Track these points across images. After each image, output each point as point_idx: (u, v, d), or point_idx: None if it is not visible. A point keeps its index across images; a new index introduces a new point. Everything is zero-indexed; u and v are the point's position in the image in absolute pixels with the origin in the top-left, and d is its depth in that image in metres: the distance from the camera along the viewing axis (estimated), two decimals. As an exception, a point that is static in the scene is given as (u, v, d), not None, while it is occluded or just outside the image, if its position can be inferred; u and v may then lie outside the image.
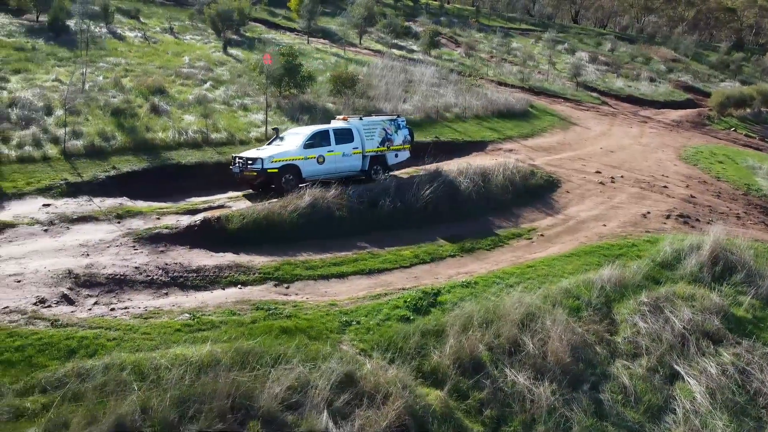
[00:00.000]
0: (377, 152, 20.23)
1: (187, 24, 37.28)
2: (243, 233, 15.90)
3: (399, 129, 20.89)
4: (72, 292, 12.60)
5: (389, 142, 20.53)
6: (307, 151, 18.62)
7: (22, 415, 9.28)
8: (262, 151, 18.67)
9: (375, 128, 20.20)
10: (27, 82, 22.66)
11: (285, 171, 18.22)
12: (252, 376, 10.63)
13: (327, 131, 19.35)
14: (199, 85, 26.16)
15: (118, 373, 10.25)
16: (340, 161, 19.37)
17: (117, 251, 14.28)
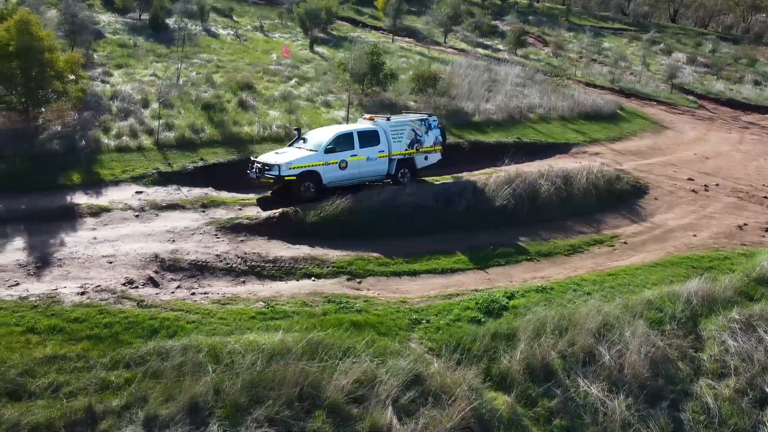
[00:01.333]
0: (405, 155, 18.91)
1: (277, 22, 38.42)
2: (319, 227, 16.19)
3: (430, 129, 19.52)
4: (157, 275, 13.29)
5: (418, 143, 19.20)
6: (328, 156, 17.47)
7: (108, 387, 9.88)
8: (281, 155, 17.60)
9: (403, 129, 18.92)
10: (128, 77, 24.11)
11: (304, 178, 17.10)
12: (320, 367, 10.82)
13: (351, 134, 18.08)
14: (285, 81, 26.91)
15: (195, 355, 10.71)
16: (364, 166, 18.15)
17: (200, 239, 14.93)
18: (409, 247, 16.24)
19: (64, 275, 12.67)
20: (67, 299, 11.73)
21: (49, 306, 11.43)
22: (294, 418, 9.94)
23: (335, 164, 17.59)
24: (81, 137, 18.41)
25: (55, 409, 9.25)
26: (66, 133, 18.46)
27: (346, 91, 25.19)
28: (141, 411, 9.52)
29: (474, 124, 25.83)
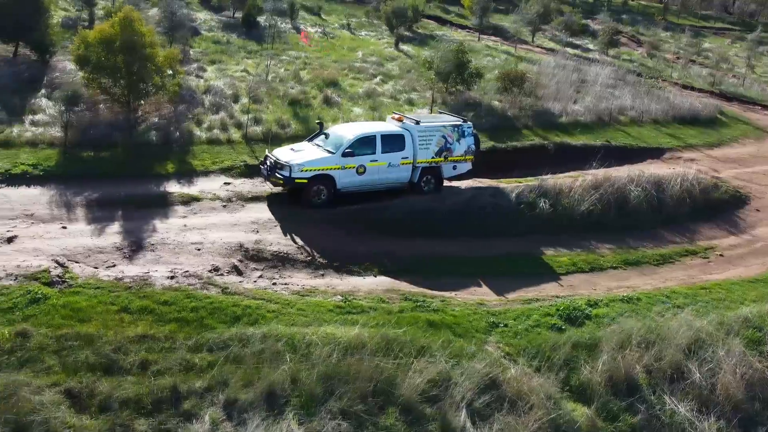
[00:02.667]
0: (431, 163, 17.40)
1: (363, 20, 38.79)
2: (398, 223, 16.18)
3: (463, 137, 17.77)
4: (241, 264, 13.72)
5: (447, 152, 17.54)
6: (346, 159, 16.17)
7: (192, 369, 10.29)
8: (297, 152, 16.48)
9: (433, 135, 17.33)
10: (220, 72, 25.05)
11: (316, 182, 16.00)
12: (395, 364, 10.81)
13: (373, 137, 16.70)
14: (369, 79, 27.12)
15: (274, 343, 10.97)
16: (385, 172, 16.78)
17: (281, 231, 15.27)
18: (489, 248, 15.95)
19: (155, 259, 13.31)
20: (158, 282, 12.33)
21: (141, 288, 12.05)
22: (367, 413, 9.99)
23: (352, 169, 16.26)
24: (175, 129, 19.29)
25: (143, 385, 9.72)
26: (162, 124, 19.39)
27: (430, 89, 25.07)
28: (222, 394, 9.85)
29: (560, 126, 25.05)
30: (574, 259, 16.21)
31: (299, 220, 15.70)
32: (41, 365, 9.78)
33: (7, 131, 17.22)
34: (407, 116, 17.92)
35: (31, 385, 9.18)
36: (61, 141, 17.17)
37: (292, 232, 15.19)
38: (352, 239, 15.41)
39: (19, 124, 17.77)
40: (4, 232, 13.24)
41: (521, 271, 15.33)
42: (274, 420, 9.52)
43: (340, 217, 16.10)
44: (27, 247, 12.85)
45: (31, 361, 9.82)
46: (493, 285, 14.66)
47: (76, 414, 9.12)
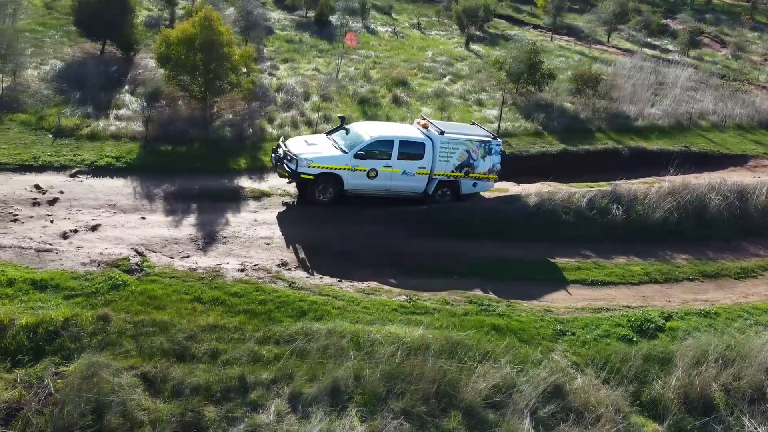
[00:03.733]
0: (450, 177, 16.50)
1: (434, 20, 38.65)
2: (463, 224, 16.03)
3: (489, 154, 16.70)
4: (308, 260, 13.95)
5: (469, 168, 16.56)
6: (357, 161, 15.55)
7: (259, 360, 10.54)
8: (310, 146, 15.91)
9: (456, 148, 16.33)
10: (292, 71, 25.56)
11: (322, 179, 15.47)
12: (459, 367, 10.73)
13: (391, 142, 15.89)
14: (438, 78, 27.01)
15: (339, 340, 11.10)
16: (397, 179, 16.04)
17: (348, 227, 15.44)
18: (558, 253, 15.58)
19: (227, 252, 13.73)
20: (229, 274, 12.70)
21: (213, 279, 12.45)
22: (429, 415, 9.95)
23: (363, 171, 15.62)
24: (248, 126, 19.82)
25: (213, 373, 10.04)
26: (236, 121, 19.97)
27: (500, 90, 24.71)
28: (287, 387, 10.05)
29: (636, 130, 24.16)
30: (647, 268, 15.61)
31: (365, 219, 15.80)
32: (120, 348, 10.27)
33: (94, 125, 18.15)
34: (434, 123, 16.94)
35: (111, 367, 9.65)
36: (142, 135, 17.96)
37: (358, 231, 15.31)
38: (416, 239, 15.39)
39: (104, 119, 18.70)
40: (89, 220, 13.97)
41: (591, 279, 14.91)
42: (338, 415, 9.63)
43: (405, 217, 16.11)
44: (109, 236, 13.52)
45: (111, 344, 10.32)
46: (561, 292, 14.32)
47: (151, 397, 9.52)
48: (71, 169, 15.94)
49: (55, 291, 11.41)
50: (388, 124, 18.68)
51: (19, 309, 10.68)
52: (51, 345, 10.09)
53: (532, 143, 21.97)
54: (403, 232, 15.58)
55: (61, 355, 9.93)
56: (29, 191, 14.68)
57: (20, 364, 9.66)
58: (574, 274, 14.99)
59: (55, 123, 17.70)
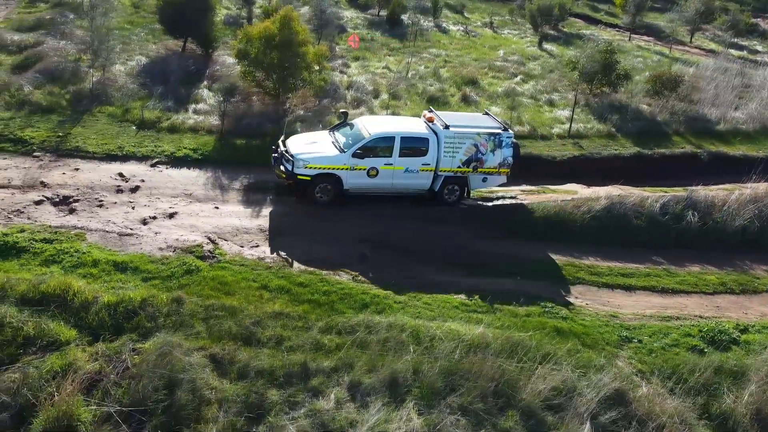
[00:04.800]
0: (456, 173, 15.75)
1: (507, 19, 38.19)
2: (531, 225, 15.83)
3: (499, 147, 15.82)
4: (371, 254, 14.16)
5: (478, 162, 15.76)
6: (356, 160, 15.00)
7: (321, 349, 10.84)
8: (309, 145, 15.50)
9: (462, 142, 15.53)
10: (363, 69, 25.92)
11: (320, 180, 15.02)
12: (518, 368, 10.66)
13: (392, 139, 15.18)
14: (509, 78, 26.71)
15: (399, 333, 11.25)
16: (400, 177, 15.41)
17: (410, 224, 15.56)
18: (628, 259, 15.15)
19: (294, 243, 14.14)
20: (295, 265, 13.09)
21: (280, 268, 12.87)
22: (486, 412, 9.95)
23: (363, 170, 15.06)
24: (319, 122, 20.24)
25: (277, 359, 10.40)
26: (307, 117, 20.44)
27: (573, 90, 24.19)
28: (347, 376, 10.29)
29: (717, 134, 23.10)
30: (723, 278, 14.96)
31: (428, 217, 15.87)
32: (191, 330, 10.80)
33: (174, 118, 19.05)
34: (440, 116, 16.03)
35: (183, 347, 10.17)
36: (218, 129, 18.70)
37: (420, 228, 15.41)
38: (480, 239, 15.33)
39: (183, 112, 19.58)
40: (167, 208, 14.71)
41: (661, 286, 14.43)
42: (395, 407, 9.78)
43: (470, 216, 16.07)
44: (185, 223, 14.20)
45: (184, 326, 10.87)
46: (629, 298, 13.94)
47: (218, 377, 9.98)
48: (152, 160, 16.81)
49: (134, 273, 12.12)
50: (394, 118, 17.73)
51: (102, 288, 11.42)
52: (129, 323, 10.74)
53: (604, 145, 21.41)
54: (467, 232, 15.56)
55: (138, 333, 10.56)
56: (114, 179, 15.60)
57: (101, 338, 10.34)
58: (644, 280, 14.55)
59: (139, 116, 18.71)
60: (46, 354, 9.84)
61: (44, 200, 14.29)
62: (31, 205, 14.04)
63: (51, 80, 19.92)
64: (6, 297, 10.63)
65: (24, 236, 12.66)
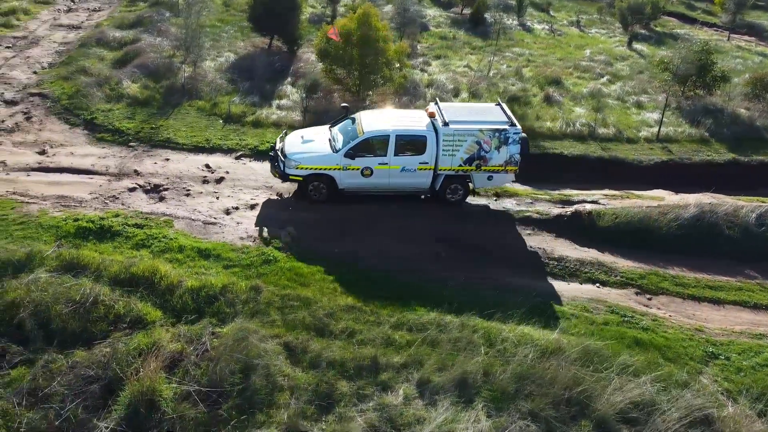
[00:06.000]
0: (458, 171, 14.97)
1: (595, 17, 36.93)
2: (612, 233, 15.26)
3: (505, 144, 14.81)
4: (443, 253, 14.08)
5: (481, 160, 14.88)
6: (348, 160, 14.55)
7: (391, 344, 10.90)
8: (304, 143, 15.16)
9: (464, 140, 14.65)
10: (444, 67, 25.80)
11: (313, 179, 14.71)
12: (594, 377, 10.31)
13: (387, 138, 14.54)
14: (595, 78, 25.83)
15: (470, 334, 11.14)
16: (396, 176, 14.81)
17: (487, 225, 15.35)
18: (718, 270, 14.33)
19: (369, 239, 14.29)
20: (369, 261, 13.21)
21: (354, 263, 13.03)
22: (558, 420, 9.68)
23: (356, 170, 14.59)
24: (398, 119, 20.37)
25: (348, 351, 10.55)
26: (386, 114, 20.61)
27: (664, 92, 23.09)
28: (416, 372, 10.29)
29: (824, 141, 21.42)
30: (826, 296, 13.86)
31: (505, 218, 15.62)
32: (267, 318, 11.14)
33: (258, 113, 19.69)
34: (444, 110, 15.18)
35: (258, 333, 10.50)
36: (300, 124, 19.14)
37: (498, 229, 15.18)
38: (561, 244, 14.94)
39: (267, 107, 20.20)
40: (249, 199, 15.22)
41: (753, 302, 13.55)
42: (464, 407, 9.69)
43: (549, 220, 15.68)
44: (265, 215, 14.64)
45: (260, 313, 11.23)
46: (717, 312, 13.19)
47: (291, 365, 10.23)
48: (236, 152, 17.44)
49: (216, 260, 12.63)
50: (396, 112, 16.92)
51: (186, 273, 11.98)
52: (210, 307, 11.20)
53: (696, 150, 20.32)
54: (547, 235, 15.20)
55: (217, 318, 11.00)
56: (200, 170, 16.30)
57: (184, 320, 10.84)
58: (734, 294, 13.71)
59: (226, 110, 19.47)
60: (133, 332, 10.43)
61: (137, 188, 15.13)
62: (125, 192, 14.91)
63: (147, 75, 21.06)
64: (101, 277, 11.35)
65: (118, 221, 13.47)
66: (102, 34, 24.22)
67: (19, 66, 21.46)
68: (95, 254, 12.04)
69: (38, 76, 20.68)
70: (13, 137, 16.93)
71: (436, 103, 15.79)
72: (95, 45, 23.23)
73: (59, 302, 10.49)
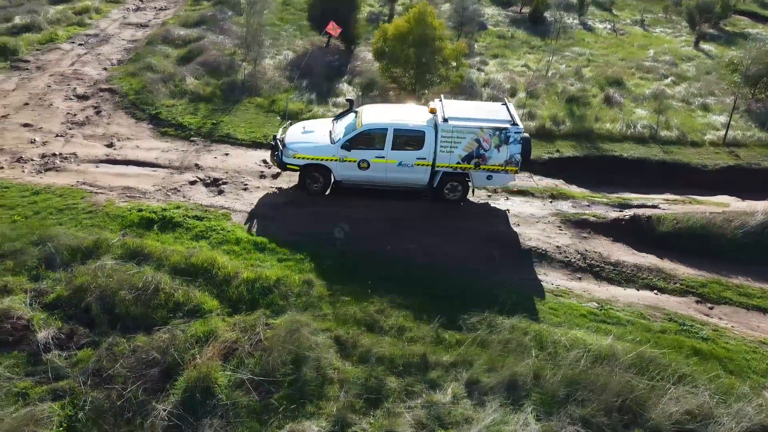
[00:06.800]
0: (456, 169, 14.73)
1: (660, 16, 35.79)
2: (672, 238, 14.80)
3: (505, 143, 14.47)
4: (497, 254, 13.96)
5: (480, 159, 14.57)
6: (344, 152, 14.59)
7: (441, 343, 10.91)
8: (304, 134, 15.33)
9: (462, 137, 14.41)
10: (501, 66, 25.54)
11: (310, 170, 14.84)
12: (649, 385, 10.04)
13: (384, 131, 14.49)
14: (659, 79, 25.05)
15: (521, 336, 11.03)
16: (393, 171, 14.74)
17: (543, 228, 15.12)
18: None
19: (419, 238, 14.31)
20: (418, 258, 13.25)
21: (406, 260, 13.08)
22: (610, 427, 9.48)
23: (353, 162, 14.63)
24: (453, 118, 20.30)
25: (397, 348, 10.61)
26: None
27: (732, 94, 22.18)
28: (465, 372, 10.26)
29: None
30: None
31: (563, 220, 15.36)
32: (319, 311, 11.33)
33: (315, 110, 19.98)
34: (447, 106, 15.02)
35: (310, 326, 10.69)
36: (355, 122, 19.35)
37: (552, 231, 14.95)
38: (616, 247, 14.59)
39: (323, 105, 20.48)
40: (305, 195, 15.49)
41: (825, 315, 12.88)
42: (513, 409, 9.61)
43: (606, 223, 15.33)
44: (318, 211, 14.86)
45: (312, 307, 11.43)
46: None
47: (341, 359, 10.38)
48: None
49: (271, 253, 12.93)
50: (398, 107, 16.74)
51: (242, 264, 12.31)
52: (264, 299, 11.48)
53: (766, 156, 19.45)
54: (603, 239, 14.88)
55: (271, 309, 11.26)
56: (258, 165, 16.69)
57: (239, 311, 11.15)
58: (804, 307, 13.08)
59: (284, 107, 19.86)
60: (191, 320, 10.80)
61: (197, 181, 15.63)
62: (186, 184, 15.43)
63: (209, 72, 21.70)
64: (162, 266, 11.79)
65: (179, 212, 13.96)
66: (168, 32, 25.10)
67: (90, 63, 22.48)
68: (157, 244, 12.52)
69: (108, 72, 21.62)
70: (84, 130, 17.76)
71: (442, 98, 15.67)
72: (161, 43, 24.10)
73: (123, 288, 10.97)
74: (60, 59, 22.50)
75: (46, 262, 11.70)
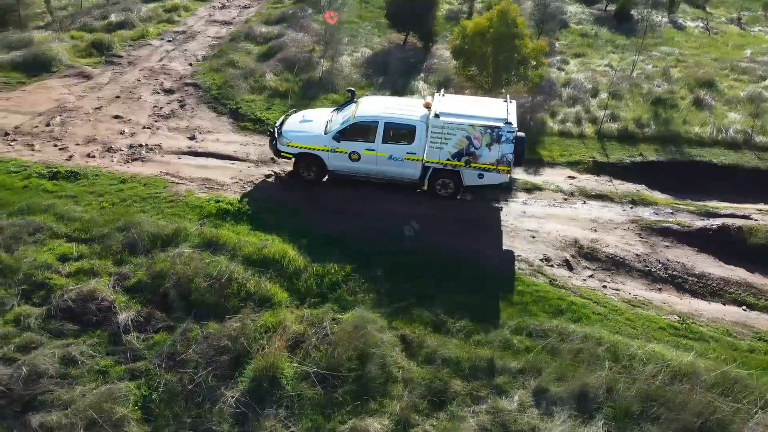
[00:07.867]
0: (445, 165, 14.40)
1: (759, 14, 33.54)
2: (765, 251, 13.82)
3: (497, 142, 14.03)
4: (573, 260, 13.50)
5: (471, 156, 14.19)
6: (335, 143, 14.64)
7: (509, 348, 10.65)
8: (302, 123, 15.53)
9: (453, 134, 14.07)
10: (582, 66, 24.65)
11: (303, 159, 14.98)
12: (733, 408, 9.41)
13: (375, 123, 14.46)
14: (756, 81, 23.44)
15: (594, 346, 10.61)
16: (384, 164, 14.61)
17: (622, 234, 14.49)
18: None
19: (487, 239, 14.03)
20: (493, 261, 12.98)
21: (474, 262, 12.85)
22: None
23: (344, 153, 14.65)
24: (530, 118, 19.76)
25: (464, 350, 10.45)
26: (518, 113, 20.06)
27: (839, 98, 20.48)
28: (533, 380, 9.97)
29: None
30: None
31: (643, 227, 14.66)
32: (386, 309, 11.29)
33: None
34: (443, 101, 14.89)
35: (377, 324, 10.69)
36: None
37: (632, 239, 14.30)
38: (701, 258, 13.78)
39: (398, 102, 20.45)
40: (375, 191, 15.52)
41: None
42: (583, 422, 9.25)
43: (691, 233, 14.51)
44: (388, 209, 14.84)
45: (380, 304, 11.41)
46: None
47: (407, 358, 10.31)
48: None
49: (339, 248, 12.97)
50: (398, 100, 16.47)
51: (310, 259, 12.42)
52: (332, 293, 11.59)
53: None
54: (688, 249, 14.11)
55: (339, 304, 11.35)
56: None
57: (307, 304, 11.29)
58: None
59: (359, 104, 19.97)
60: (261, 310, 11.03)
61: (273, 175, 15.97)
62: (262, 178, 15.79)
63: (288, 68, 22.11)
64: (235, 256, 12.11)
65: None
66: (250, 29, 25.80)
67: (177, 58, 23.43)
68: (232, 234, 12.86)
69: (193, 68, 22.45)
70: (168, 123, 18.53)
71: (443, 94, 15.53)
72: (243, 39, 24.78)
73: (199, 276, 11.34)
74: (150, 55, 23.57)
75: (129, 247, 12.26)
